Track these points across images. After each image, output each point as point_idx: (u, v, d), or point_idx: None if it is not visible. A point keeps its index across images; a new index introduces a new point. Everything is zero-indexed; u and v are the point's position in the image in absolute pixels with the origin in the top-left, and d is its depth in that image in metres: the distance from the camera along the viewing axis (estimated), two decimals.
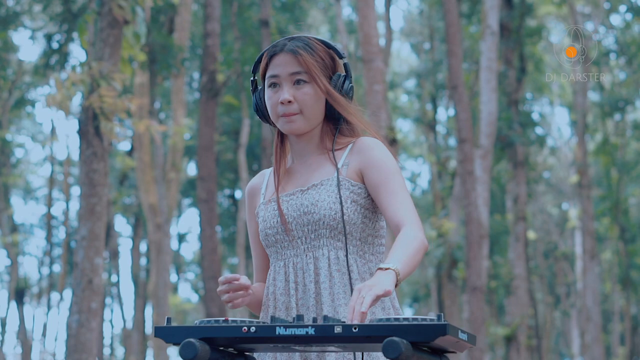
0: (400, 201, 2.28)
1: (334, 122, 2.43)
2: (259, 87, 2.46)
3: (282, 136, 2.45)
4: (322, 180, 2.36)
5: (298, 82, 2.35)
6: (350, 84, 2.40)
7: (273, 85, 2.37)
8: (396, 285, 2.10)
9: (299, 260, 2.34)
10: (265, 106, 2.42)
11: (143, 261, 25.06)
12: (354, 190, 2.34)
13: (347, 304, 2.28)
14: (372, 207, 2.37)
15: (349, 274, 2.31)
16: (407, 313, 2.37)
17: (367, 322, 1.91)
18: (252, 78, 2.46)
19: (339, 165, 2.36)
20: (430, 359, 1.85)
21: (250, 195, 2.51)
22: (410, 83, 29.05)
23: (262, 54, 2.42)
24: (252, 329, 1.87)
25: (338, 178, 2.33)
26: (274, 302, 2.35)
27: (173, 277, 32.39)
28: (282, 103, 2.35)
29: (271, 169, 2.51)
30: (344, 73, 2.41)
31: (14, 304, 25.13)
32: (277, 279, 2.36)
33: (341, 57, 2.41)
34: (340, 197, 2.31)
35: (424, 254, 2.27)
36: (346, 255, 2.32)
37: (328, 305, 2.28)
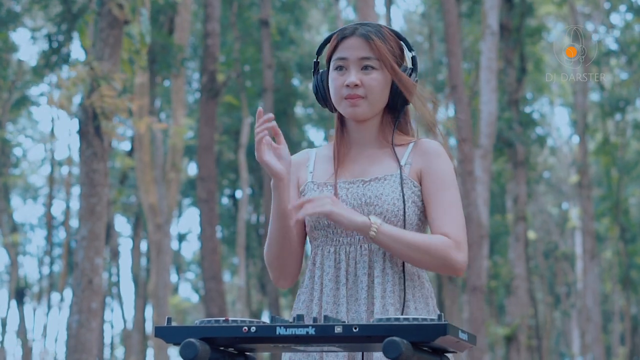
0: (449, 216, 2.29)
1: (393, 113, 2.41)
2: (321, 70, 2.43)
3: (342, 122, 2.42)
4: (385, 175, 2.33)
5: (366, 67, 2.32)
6: (416, 78, 2.38)
7: (340, 67, 2.34)
8: (371, 238, 2.20)
9: (353, 249, 2.31)
10: (327, 89, 2.40)
11: (143, 261, 25.04)
12: (415, 192, 2.33)
13: (394, 304, 2.26)
14: (425, 211, 2.36)
15: (404, 275, 2.29)
16: None
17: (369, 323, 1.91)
18: (315, 60, 2.43)
19: (402, 163, 2.34)
20: (430, 359, 1.85)
21: (293, 167, 2.41)
22: None
23: (330, 37, 2.39)
24: (252, 329, 1.87)
25: (401, 176, 2.31)
26: (320, 287, 2.31)
27: (173, 277, 32.41)
28: (347, 86, 2.32)
29: (315, 149, 2.48)
30: (410, 66, 2.39)
31: (14, 303, 25.15)
32: (325, 264, 2.32)
33: (410, 50, 2.39)
34: (403, 195, 2.29)
35: (446, 266, 2.24)
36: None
37: (379, 301, 2.26)
